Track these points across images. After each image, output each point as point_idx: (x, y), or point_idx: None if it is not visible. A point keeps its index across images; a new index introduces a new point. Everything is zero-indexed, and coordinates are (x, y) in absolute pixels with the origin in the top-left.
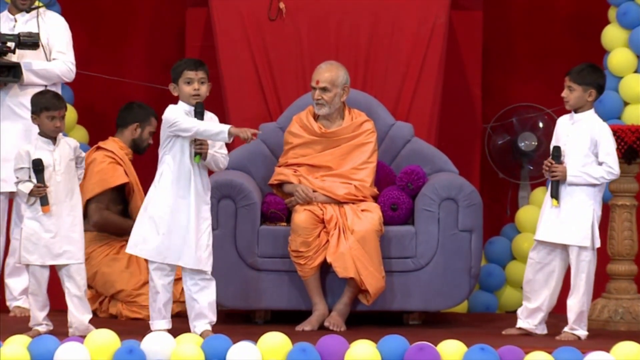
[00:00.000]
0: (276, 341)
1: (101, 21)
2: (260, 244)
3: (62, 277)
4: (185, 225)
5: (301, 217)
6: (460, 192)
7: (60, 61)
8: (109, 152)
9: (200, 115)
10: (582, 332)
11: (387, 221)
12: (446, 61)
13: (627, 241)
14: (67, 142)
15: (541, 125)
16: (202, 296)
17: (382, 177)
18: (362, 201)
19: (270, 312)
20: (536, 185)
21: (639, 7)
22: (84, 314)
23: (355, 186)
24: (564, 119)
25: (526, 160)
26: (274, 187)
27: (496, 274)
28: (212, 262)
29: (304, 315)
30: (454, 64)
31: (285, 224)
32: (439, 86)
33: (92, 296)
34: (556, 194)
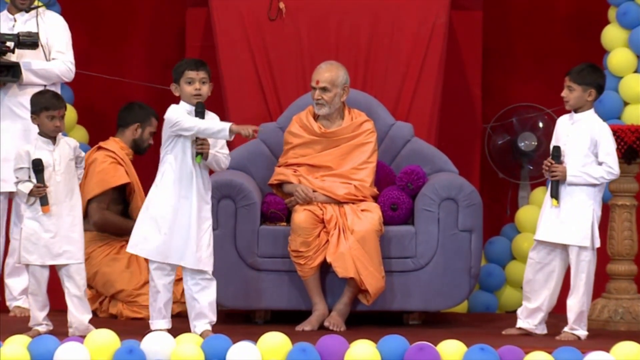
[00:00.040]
0: (276, 341)
1: (101, 21)
2: (260, 244)
3: (61, 277)
4: (186, 225)
5: (301, 217)
6: (460, 192)
7: (59, 61)
8: (110, 152)
9: (201, 115)
10: (582, 332)
11: (387, 221)
12: (446, 61)
13: (627, 241)
14: (67, 142)
15: (541, 125)
16: (203, 296)
17: (382, 177)
18: (362, 201)
19: (270, 312)
20: (536, 185)
21: (639, 7)
22: (83, 314)
23: (355, 186)
24: (564, 119)
25: (526, 160)
26: (274, 187)
27: (496, 274)
28: (213, 262)
29: (304, 315)
30: (454, 64)
31: (285, 224)
32: (439, 86)
33: (92, 296)
34: (556, 194)
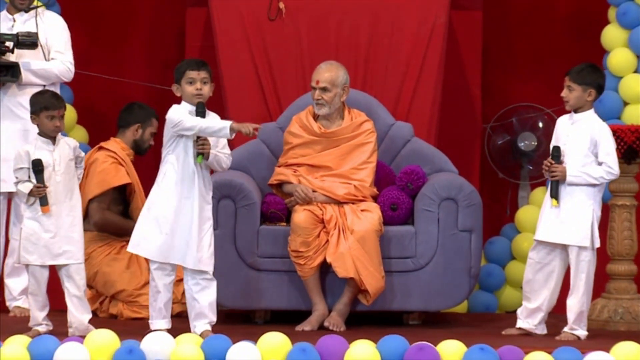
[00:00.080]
0: (276, 341)
1: (101, 21)
2: (260, 244)
3: (61, 277)
4: (188, 225)
5: (301, 217)
6: (460, 192)
7: (58, 61)
8: (111, 152)
9: (201, 115)
10: (582, 332)
11: (387, 221)
12: (446, 61)
13: (627, 241)
14: (67, 142)
15: (541, 125)
16: (203, 296)
17: (382, 177)
18: (361, 201)
19: (270, 312)
20: (536, 185)
21: (638, 7)
22: (83, 314)
23: (355, 186)
24: (564, 119)
25: (526, 160)
26: (274, 187)
27: (496, 274)
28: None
29: (303, 315)
30: (454, 64)
31: (285, 224)
32: (439, 86)
33: (92, 296)
34: (556, 194)
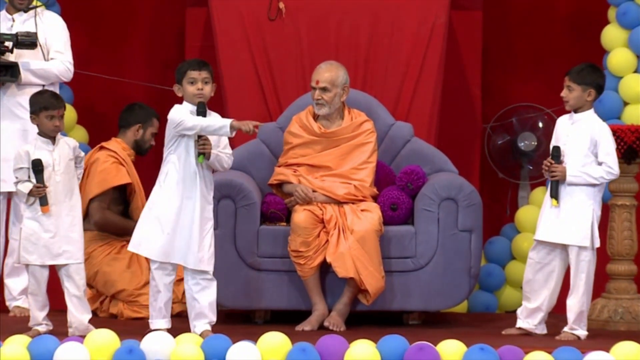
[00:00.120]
0: (276, 341)
1: (101, 21)
2: (260, 244)
3: (61, 277)
4: (189, 225)
5: (301, 217)
6: (460, 192)
7: (58, 61)
8: (112, 152)
9: (202, 114)
10: (582, 332)
11: (387, 221)
12: (446, 61)
13: (627, 241)
14: (67, 142)
15: (541, 125)
16: (203, 296)
17: (382, 177)
18: (361, 201)
19: (270, 312)
20: (536, 185)
21: (638, 7)
22: (83, 314)
23: (355, 186)
24: (564, 119)
25: (526, 160)
26: (274, 187)
27: (496, 274)
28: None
29: (303, 315)
30: (454, 64)
31: (285, 224)
32: (439, 86)
33: (92, 296)
34: (556, 194)
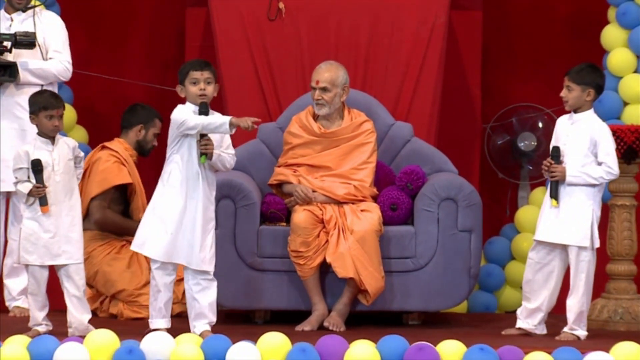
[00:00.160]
0: (276, 341)
1: (101, 21)
2: (260, 244)
3: (61, 277)
4: (192, 225)
5: (301, 217)
6: (459, 192)
7: (56, 60)
8: (114, 151)
9: (205, 114)
10: (582, 332)
11: (387, 221)
12: (446, 61)
13: (627, 241)
14: (66, 142)
15: (541, 125)
16: (203, 296)
17: (382, 177)
18: (361, 201)
19: (270, 312)
20: (536, 185)
21: (638, 7)
22: (83, 314)
23: (354, 186)
24: (564, 119)
25: (526, 160)
26: (274, 187)
27: (496, 274)
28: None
29: (303, 315)
30: (453, 64)
31: (285, 224)
32: (439, 86)
33: (92, 295)
34: (555, 194)
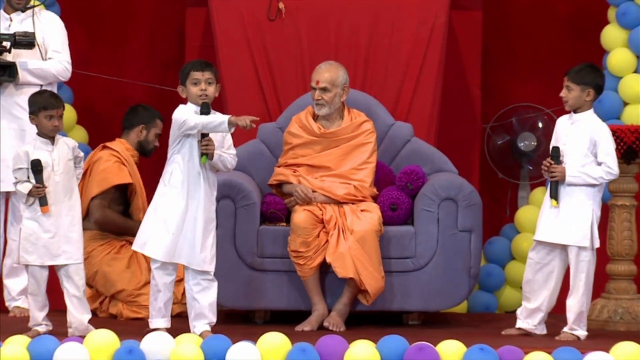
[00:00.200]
0: (276, 341)
1: (101, 21)
2: (259, 244)
3: (60, 278)
4: (193, 225)
5: (300, 217)
6: (459, 192)
7: (55, 60)
8: (115, 151)
9: (206, 115)
10: (582, 332)
11: (387, 221)
12: (446, 61)
13: (627, 241)
14: (66, 142)
15: (541, 125)
16: (203, 296)
17: (382, 177)
18: (361, 201)
19: (270, 312)
20: (535, 185)
21: (638, 7)
22: (83, 314)
23: (354, 186)
24: (564, 119)
25: (525, 160)
26: (273, 187)
27: (496, 274)
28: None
29: (303, 315)
30: (453, 64)
31: (284, 224)
32: (439, 86)
33: (92, 295)
34: (555, 194)
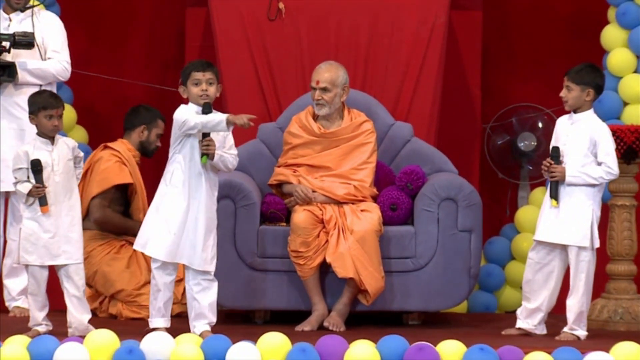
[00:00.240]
0: (276, 341)
1: (101, 21)
2: (259, 244)
3: (60, 278)
4: (194, 225)
5: (300, 217)
6: (459, 192)
7: (55, 60)
8: (116, 151)
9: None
10: (582, 332)
11: (387, 221)
12: (446, 61)
13: (627, 241)
14: (66, 142)
15: (540, 125)
16: (204, 296)
17: (382, 177)
18: (361, 201)
19: (270, 312)
20: (535, 185)
21: (638, 7)
22: (83, 314)
23: (354, 186)
24: (564, 119)
25: (525, 160)
26: (273, 187)
27: (496, 274)
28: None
29: (303, 315)
30: (453, 64)
31: (284, 224)
32: (439, 86)
33: (91, 295)
34: (555, 195)
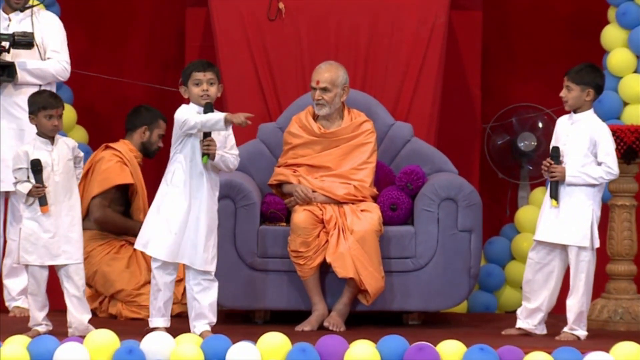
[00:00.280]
0: (276, 341)
1: (101, 21)
2: (259, 244)
3: (60, 277)
4: (195, 225)
5: (301, 217)
6: (459, 192)
7: (54, 60)
8: (117, 151)
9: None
10: (582, 332)
11: (387, 221)
12: (446, 61)
13: (627, 241)
14: (65, 142)
15: (541, 125)
16: (204, 296)
17: (382, 177)
18: (361, 201)
19: (270, 312)
20: (535, 185)
21: (638, 7)
22: (83, 314)
23: (354, 186)
24: (564, 119)
25: (525, 160)
26: (273, 187)
27: (496, 274)
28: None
29: (303, 315)
30: (453, 64)
31: (284, 224)
32: (439, 86)
33: (91, 295)
34: (555, 195)
